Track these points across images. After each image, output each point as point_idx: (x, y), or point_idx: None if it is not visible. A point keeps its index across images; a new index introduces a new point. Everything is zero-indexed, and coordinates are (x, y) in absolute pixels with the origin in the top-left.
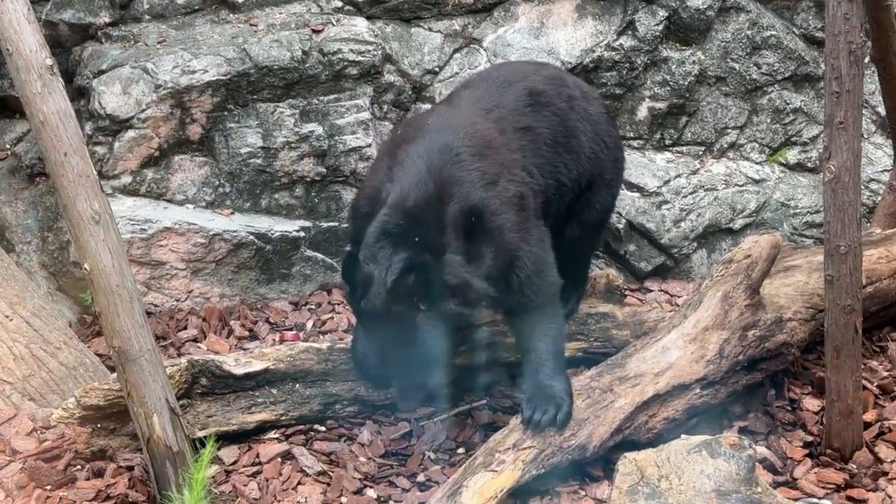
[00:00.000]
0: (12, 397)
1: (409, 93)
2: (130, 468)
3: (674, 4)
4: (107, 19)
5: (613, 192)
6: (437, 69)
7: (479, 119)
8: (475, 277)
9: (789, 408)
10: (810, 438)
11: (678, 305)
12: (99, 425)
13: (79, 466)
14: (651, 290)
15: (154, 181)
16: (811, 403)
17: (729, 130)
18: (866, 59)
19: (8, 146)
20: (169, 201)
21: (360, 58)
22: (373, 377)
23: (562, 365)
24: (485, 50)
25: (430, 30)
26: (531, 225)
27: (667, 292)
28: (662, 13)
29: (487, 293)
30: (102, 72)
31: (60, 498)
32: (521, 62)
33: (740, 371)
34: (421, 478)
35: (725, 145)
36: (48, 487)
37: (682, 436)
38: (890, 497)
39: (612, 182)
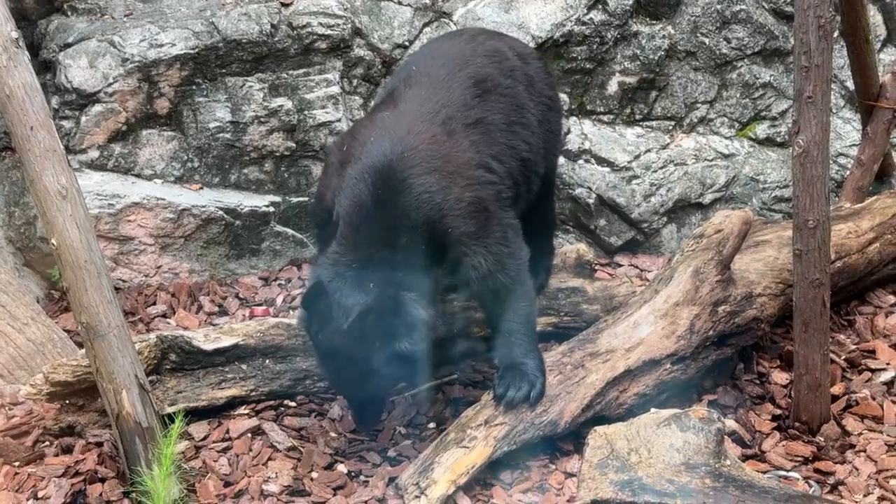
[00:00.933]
0: None
1: (379, 67)
2: (99, 444)
3: None
4: None
5: (559, 148)
6: (406, 43)
7: (425, 125)
8: (431, 314)
9: (758, 382)
10: (779, 412)
11: (648, 280)
12: (67, 401)
13: (47, 443)
14: (621, 265)
15: (122, 156)
16: (780, 377)
17: (699, 105)
18: (836, 34)
19: None
20: (137, 176)
21: (329, 31)
22: None
23: (534, 341)
24: (455, 24)
25: (400, 3)
26: (491, 225)
27: (637, 267)
28: None
29: (447, 328)
30: (69, 45)
31: (29, 474)
32: (455, 39)
33: (710, 346)
34: (392, 453)
35: (695, 120)
36: (16, 464)
37: (652, 409)
38: (857, 469)
39: (557, 138)
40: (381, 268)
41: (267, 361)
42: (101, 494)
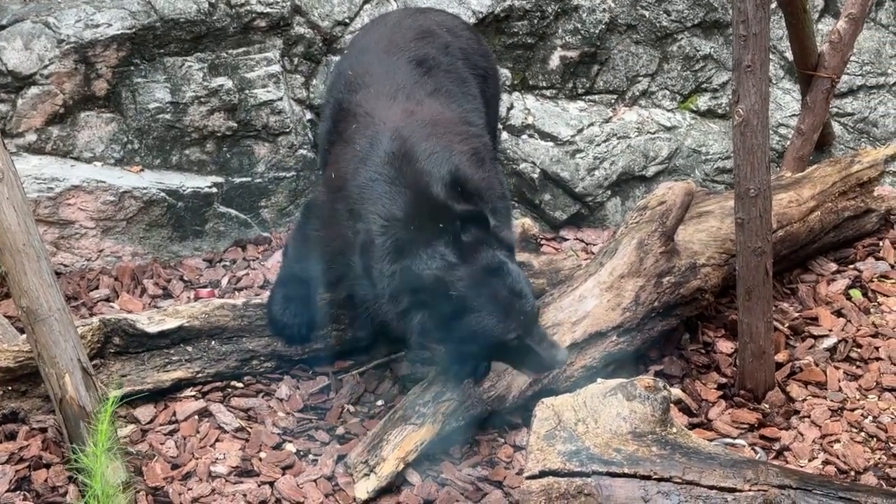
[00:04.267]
0: None
1: (320, 45)
2: (44, 430)
3: None
4: None
5: (498, 118)
6: (347, 20)
7: (393, 108)
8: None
9: (703, 351)
10: (724, 380)
11: (594, 253)
12: (10, 387)
13: None
14: (566, 239)
15: (60, 139)
16: (725, 346)
17: (640, 78)
18: (773, 4)
19: None
20: (76, 159)
21: (268, 10)
22: (288, 334)
23: None
24: (395, 0)
25: None
26: (493, 178)
27: (582, 241)
28: None
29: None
30: (2, 27)
31: None
32: (380, 29)
33: (656, 317)
34: (340, 431)
35: (637, 93)
36: None
37: (599, 380)
38: (802, 434)
39: (496, 109)
40: (447, 230)
41: (212, 343)
42: (46, 480)
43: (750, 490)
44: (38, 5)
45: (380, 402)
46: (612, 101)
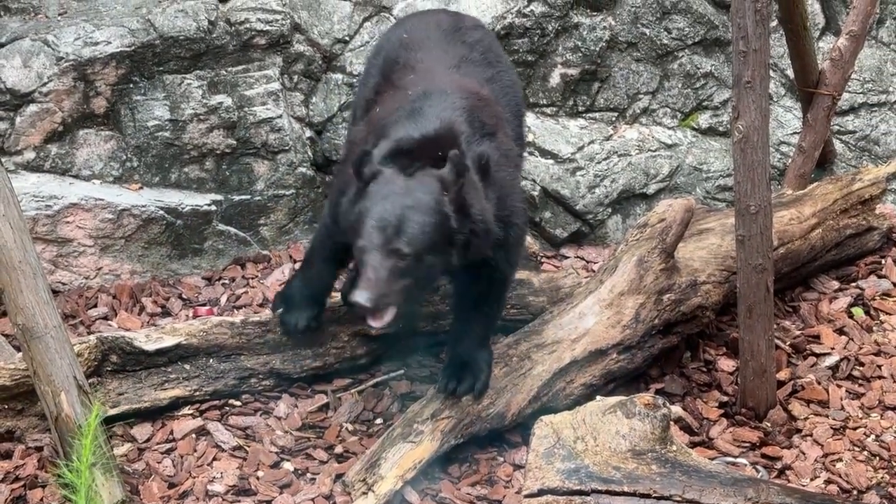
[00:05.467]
0: None
1: (320, 62)
2: (39, 448)
3: None
4: None
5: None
6: (347, 38)
7: (454, 74)
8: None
9: (704, 369)
10: (725, 398)
11: (594, 271)
12: (6, 406)
13: None
14: (567, 257)
15: (58, 156)
16: (726, 364)
17: (641, 96)
18: (774, 22)
19: None
20: (75, 177)
21: (268, 27)
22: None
23: (489, 335)
24: (395, 18)
25: None
26: (515, 179)
27: (583, 258)
28: None
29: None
30: (1, 45)
31: None
32: (420, 18)
33: (656, 335)
34: (339, 449)
35: (638, 111)
36: None
37: (598, 397)
38: (804, 453)
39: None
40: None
41: (210, 361)
42: (41, 500)
43: None
44: (37, 23)
45: (378, 421)
46: (613, 118)
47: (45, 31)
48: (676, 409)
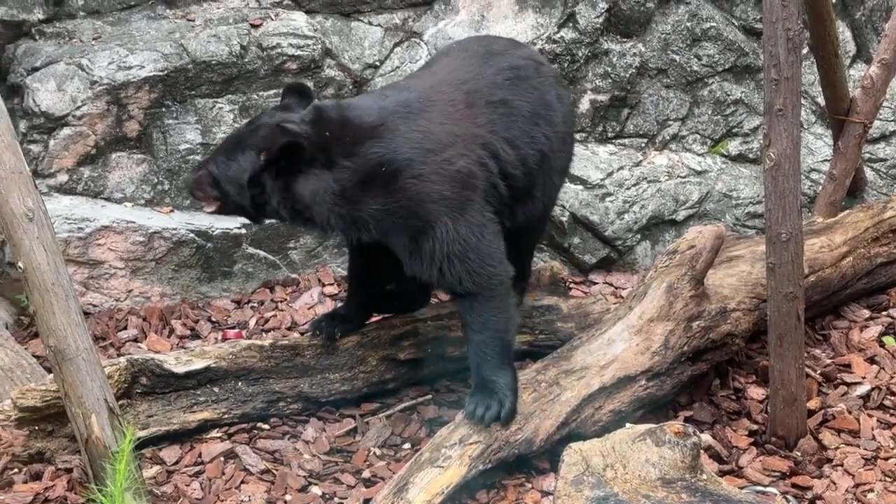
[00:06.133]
0: None
1: (350, 87)
2: (69, 470)
3: None
4: (41, 16)
5: (561, 181)
6: (377, 63)
7: (448, 88)
8: (329, 193)
9: (734, 397)
10: (755, 427)
11: (623, 297)
12: (36, 427)
13: (16, 469)
14: (596, 283)
15: (91, 179)
16: (756, 392)
17: (671, 122)
18: (805, 49)
19: None
20: (107, 199)
21: (299, 52)
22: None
23: (507, 358)
24: (425, 44)
25: (370, 23)
26: (470, 207)
27: (611, 284)
28: (603, 5)
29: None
30: (36, 69)
31: None
32: (497, 37)
33: (685, 362)
34: (366, 474)
35: (667, 137)
36: None
37: (627, 425)
38: (834, 483)
39: (563, 170)
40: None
41: (239, 384)
42: None
43: None
44: (71, 47)
45: (406, 446)
46: (643, 144)
47: (80, 55)
48: (706, 438)
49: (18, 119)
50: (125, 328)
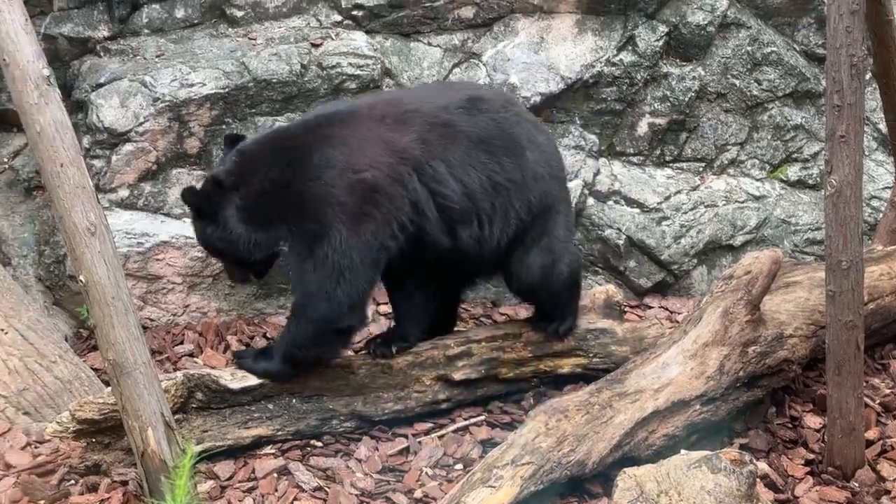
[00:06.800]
0: (7, 411)
1: None
2: (125, 483)
3: (674, 20)
4: (105, 33)
5: (531, 223)
6: None
7: (386, 106)
8: (240, 224)
9: (790, 425)
10: (812, 456)
11: (678, 322)
12: (93, 439)
13: (73, 481)
14: (651, 307)
15: (151, 195)
16: (812, 421)
17: (729, 147)
18: (868, 75)
19: (5, 159)
20: (166, 215)
21: (359, 72)
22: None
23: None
24: (484, 65)
25: (430, 44)
26: (366, 223)
27: (667, 309)
28: (663, 29)
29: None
30: (101, 85)
31: None
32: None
33: (741, 387)
34: (418, 494)
35: (726, 161)
36: (42, 502)
37: (682, 451)
38: None
39: (536, 210)
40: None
41: (293, 401)
42: None
43: None
44: (135, 64)
45: (459, 466)
46: (700, 168)
47: (143, 72)
48: (763, 466)
49: (82, 134)
50: (182, 343)
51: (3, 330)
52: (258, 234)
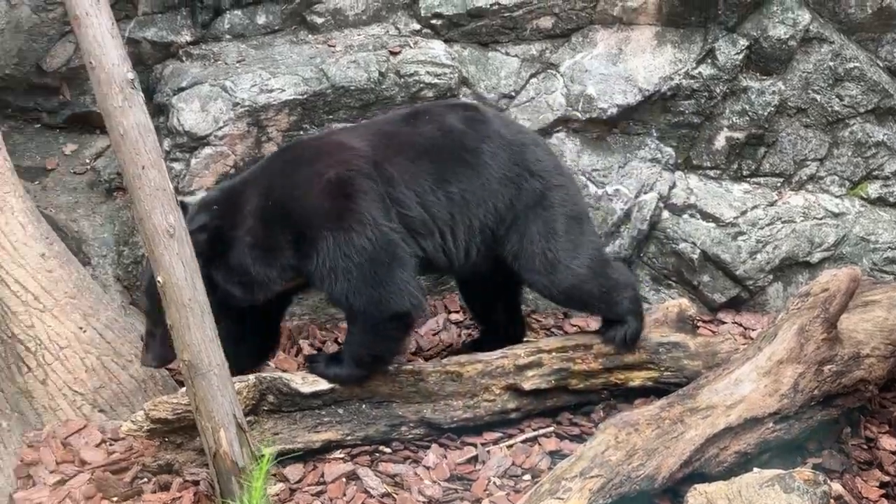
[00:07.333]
0: (83, 408)
1: None
2: (196, 483)
3: (755, 34)
4: (188, 38)
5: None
6: (513, 93)
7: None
8: (258, 264)
9: (865, 446)
10: (887, 479)
11: (752, 338)
12: (166, 439)
13: (145, 479)
14: (724, 322)
15: None
16: (889, 443)
17: (809, 162)
18: None
19: (88, 161)
20: None
21: (436, 80)
22: None
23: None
24: (561, 75)
25: (508, 54)
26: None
27: (740, 324)
28: (743, 42)
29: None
30: (182, 89)
31: None
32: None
33: (815, 406)
34: (486, 503)
35: (804, 177)
36: (115, 499)
37: (755, 469)
38: None
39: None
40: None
41: (363, 406)
42: None
43: None
44: (216, 69)
45: (527, 477)
46: (778, 184)
47: (224, 77)
48: (836, 487)
49: (162, 137)
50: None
51: (81, 328)
52: (259, 251)
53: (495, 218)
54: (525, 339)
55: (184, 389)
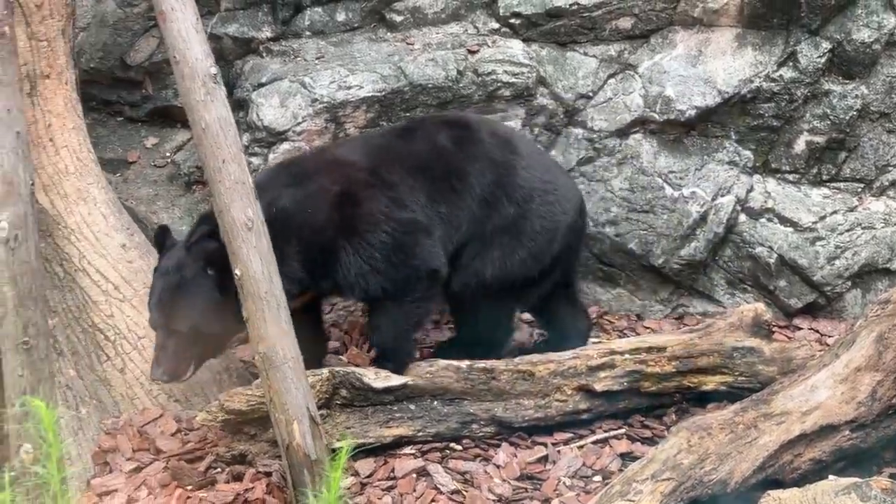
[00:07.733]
0: (159, 398)
1: (561, 116)
2: (268, 474)
3: (838, 37)
4: (269, 34)
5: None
6: (590, 94)
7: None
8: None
9: None
10: None
11: (828, 345)
12: (240, 430)
13: (219, 469)
14: (800, 328)
15: None
16: None
17: (891, 168)
18: None
19: (168, 154)
20: None
21: (513, 79)
22: None
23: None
24: (640, 76)
25: (586, 54)
26: (365, 217)
27: (817, 331)
28: (826, 45)
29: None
30: (262, 85)
31: (200, 499)
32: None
33: (893, 415)
34: (555, 503)
35: (886, 183)
36: (189, 488)
37: (830, 477)
38: None
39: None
40: None
41: (435, 403)
42: None
43: None
44: (296, 66)
45: (597, 478)
46: (859, 189)
47: (304, 73)
48: None
49: (242, 132)
50: (328, 340)
51: None
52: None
53: (467, 238)
54: (592, 336)
55: (258, 381)
